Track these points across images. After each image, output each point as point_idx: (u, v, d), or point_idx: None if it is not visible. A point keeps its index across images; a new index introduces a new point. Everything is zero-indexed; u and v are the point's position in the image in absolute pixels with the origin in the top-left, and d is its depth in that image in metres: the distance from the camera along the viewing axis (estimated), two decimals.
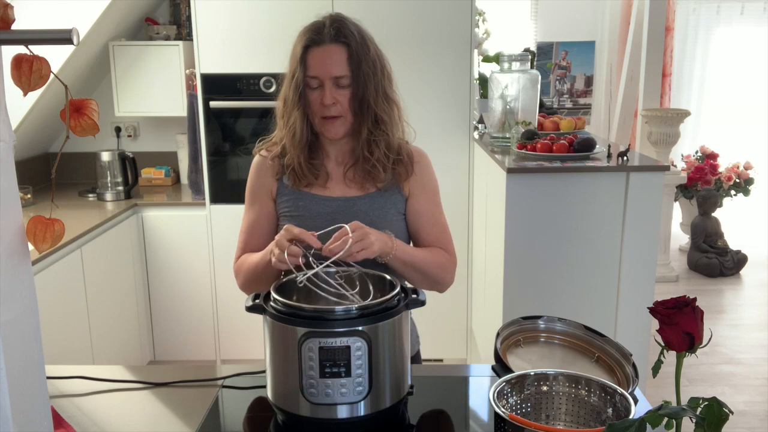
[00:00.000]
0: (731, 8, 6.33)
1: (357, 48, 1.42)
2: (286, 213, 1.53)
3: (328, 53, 1.42)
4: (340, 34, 1.42)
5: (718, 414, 0.79)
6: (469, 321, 3.53)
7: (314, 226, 1.49)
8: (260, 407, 1.33)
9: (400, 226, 1.54)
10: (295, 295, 1.30)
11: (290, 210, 1.53)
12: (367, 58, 1.43)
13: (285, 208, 1.54)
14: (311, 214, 1.51)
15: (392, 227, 1.51)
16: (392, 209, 1.53)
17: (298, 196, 1.52)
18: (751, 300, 4.71)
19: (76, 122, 0.89)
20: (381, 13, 3.26)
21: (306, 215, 1.51)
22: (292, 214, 1.52)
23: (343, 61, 1.41)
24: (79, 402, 1.36)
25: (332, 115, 1.44)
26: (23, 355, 0.87)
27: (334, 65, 1.41)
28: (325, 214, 1.50)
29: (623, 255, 2.48)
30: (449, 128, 3.36)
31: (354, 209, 1.50)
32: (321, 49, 1.42)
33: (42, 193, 3.57)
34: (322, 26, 1.44)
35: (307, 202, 1.52)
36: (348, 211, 1.50)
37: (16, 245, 0.86)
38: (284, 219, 1.53)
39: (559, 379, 1.12)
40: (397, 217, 1.54)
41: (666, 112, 4.81)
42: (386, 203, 1.52)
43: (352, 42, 1.42)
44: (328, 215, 1.50)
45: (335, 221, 1.48)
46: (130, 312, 3.37)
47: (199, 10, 3.22)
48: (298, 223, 1.51)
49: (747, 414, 3.15)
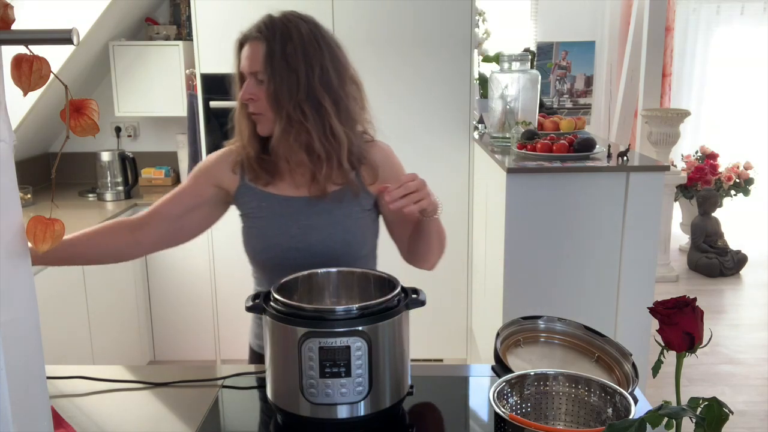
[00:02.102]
0: (731, 8, 6.33)
1: (275, 45, 1.39)
2: (250, 214, 1.52)
3: (250, 49, 1.42)
4: (259, 30, 1.42)
5: (718, 414, 0.79)
6: (469, 321, 3.53)
7: (278, 226, 1.50)
8: (260, 407, 1.33)
9: (366, 223, 1.53)
10: (295, 295, 1.30)
11: (254, 211, 1.52)
12: (284, 55, 1.39)
13: (248, 209, 1.53)
14: (273, 215, 1.50)
15: (357, 226, 1.51)
16: (356, 207, 1.51)
17: (261, 197, 1.51)
18: (751, 300, 4.71)
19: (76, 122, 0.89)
20: (381, 13, 3.26)
21: (268, 215, 1.50)
22: (256, 215, 1.51)
23: (259, 57, 1.40)
24: (79, 402, 1.36)
25: (255, 112, 1.44)
26: (23, 355, 0.87)
27: (252, 61, 1.41)
28: (287, 215, 1.49)
29: (623, 255, 2.48)
30: (449, 128, 3.36)
31: (317, 209, 1.49)
32: (246, 46, 1.44)
33: (42, 193, 3.57)
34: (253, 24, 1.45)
35: (270, 202, 1.51)
36: (312, 212, 1.49)
37: (16, 245, 0.86)
38: (248, 219, 1.53)
39: (559, 379, 1.12)
40: (362, 214, 1.52)
41: (666, 112, 4.81)
42: (351, 202, 1.50)
43: (270, 38, 1.40)
44: (291, 216, 1.49)
45: (299, 223, 1.49)
46: (130, 312, 3.37)
47: (199, 10, 3.22)
48: (263, 224, 1.51)
49: (747, 414, 3.15)
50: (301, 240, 1.48)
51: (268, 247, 1.50)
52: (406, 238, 1.55)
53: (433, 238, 1.49)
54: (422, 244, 1.50)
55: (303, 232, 1.48)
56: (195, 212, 1.55)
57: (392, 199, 1.28)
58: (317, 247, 1.48)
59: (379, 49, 3.28)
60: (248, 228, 1.54)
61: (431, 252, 1.52)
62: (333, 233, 1.48)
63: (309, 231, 1.48)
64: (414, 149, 3.38)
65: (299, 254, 1.48)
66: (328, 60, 1.44)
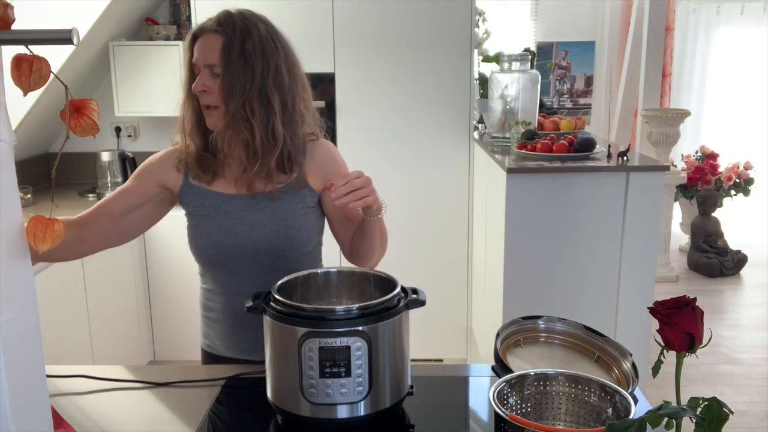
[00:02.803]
0: (731, 8, 6.33)
1: (232, 39, 1.41)
2: (195, 212, 1.53)
3: (206, 42, 1.43)
4: (219, 24, 1.43)
5: (718, 414, 0.79)
6: (469, 321, 3.53)
7: (222, 224, 1.51)
8: (260, 407, 1.33)
9: (310, 219, 1.54)
10: (295, 295, 1.30)
11: (198, 209, 1.53)
12: (241, 50, 1.40)
13: (193, 208, 1.53)
14: (218, 213, 1.51)
15: (300, 222, 1.51)
16: (300, 203, 1.52)
17: (204, 195, 1.52)
18: (751, 300, 4.71)
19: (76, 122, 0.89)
20: (381, 14, 3.26)
21: (213, 214, 1.51)
22: (200, 213, 1.53)
23: (216, 50, 1.41)
24: (79, 402, 1.36)
25: (206, 105, 1.45)
26: (23, 355, 0.87)
27: (208, 53, 1.42)
28: (231, 214, 1.50)
29: (623, 255, 2.48)
30: (449, 128, 3.36)
31: (261, 206, 1.50)
32: (201, 38, 1.44)
33: (42, 193, 3.57)
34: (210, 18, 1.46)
35: (213, 200, 1.52)
36: (255, 208, 1.50)
37: (16, 245, 0.86)
38: (193, 218, 1.54)
39: (559, 379, 1.12)
40: (306, 211, 1.53)
41: (666, 112, 4.81)
42: (294, 198, 1.51)
43: (228, 32, 1.42)
44: (235, 214, 1.50)
45: (242, 220, 1.50)
46: (130, 312, 3.37)
47: (199, 10, 3.22)
48: (207, 222, 1.52)
49: (747, 414, 3.15)
50: (245, 237, 1.49)
51: (212, 245, 1.51)
52: (349, 238, 1.58)
53: (375, 238, 1.51)
54: (365, 244, 1.53)
55: (247, 229, 1.50)
56: (138, 211, 1.55)
57: (337, 196, 1.31)
58: (261, 243, 1.49)
59: (379, 49, 3.28)
60: (192, 226, 1.55)
61: (373, 252, 1.55)
62: (276, 230, 1.50)
63: (253, 228, 1.50)
64: (414, 149, 3.38)
65: (243, 251, 1.50)
66: (283, 60, 1.46)
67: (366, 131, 3.38)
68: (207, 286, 1.60)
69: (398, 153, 3.40)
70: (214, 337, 1.61)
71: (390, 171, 3.39)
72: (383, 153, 3.40)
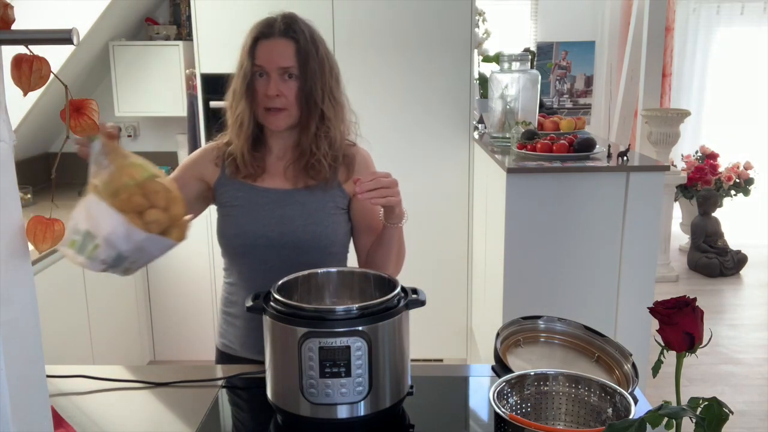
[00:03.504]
0: (731, 8, 6.33)
1: (305, 44, 1.45)
2: (227, 203, 1.55)
3: (277, 46, 1.45)
4: (290, 30, 1.45)
5: (718, 414, 0.79)
6: (469, 321, 3.53)
7: (252, 214, 1.53)
8: (260, 407, 1.33)
9: (339, 220, 1.55)
10: (295, 295, 1.30)
11: (229, 200, 1.55)
12: (315, 55, 1.46)
13: (225, 199, 1.55)
14: (249, 204, 1.53)
15: (329, 221, 1.53)
16: (330, 203, 1.54)
17: (237, 187, 1.54)
18: (751, 300, 4.71)
19: (76, 122, 0.90)
20: (381, 13, 3.26)
21: (244, 205, 1.53)
22: (232, 203, 1.54)
23: (291, 54, 1.44)
24: (79, 402, 1.36)
25: (276, 107, 1.46)
26: (23, 355, 0.87)
27: (282, 57, 1.44)
28: (263, 205, 1.52)
29: (623, 255, 2.48)
30: (449, 128, 3.36)
31: (292, 200, 1.53)
32: (270, 42, 1.45)
33: (42, 193, 3.57)
34: (273, 21, 1.47)
35: (246, 192, 1.54)
36: (286, 203, 1.52)
37: (16, 245, 0.86)
38: (224, 209, 1.55)
39: (559, 379, 1.12)
40: (335, 211, 1.55)
41: (666, 112, 4.81)
42: (325, 197, 1.54)
43: (300, 38, 1.45)
44: (266, 206, 1.52)
45: (273, 213, 1.51)
46: (130, 312, 3.37)
47: (199, 10, 3.22)
48: (237, 212, 1.54)
49: (747, 414, 3.15)
50: (273, 229, 1.51)
51: (240, 234, 1.53)
52: (367, 247, 1.59)
53: (392, 249, 1.53)
54: (381, 254, 1.54)
55: (276, 221, 1.51)
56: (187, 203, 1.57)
57: (362, 190, 1.32)
58: (288, 237, 1.50)
59: (379, 50, 3.28)
60: (223, 216, 1.56)
61: (388, 263, 1.55)
62: (305, 225, 1.51)
63: (282, 221, 1.51)
64: (414, 149, 3.38)
65: (269, 242, 1.51)
66: (335, 63, 1.53)
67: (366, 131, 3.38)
68: (230, 280, 1.61)
69: (398, 153, 3.39)
70: (232, 335, 1.61)
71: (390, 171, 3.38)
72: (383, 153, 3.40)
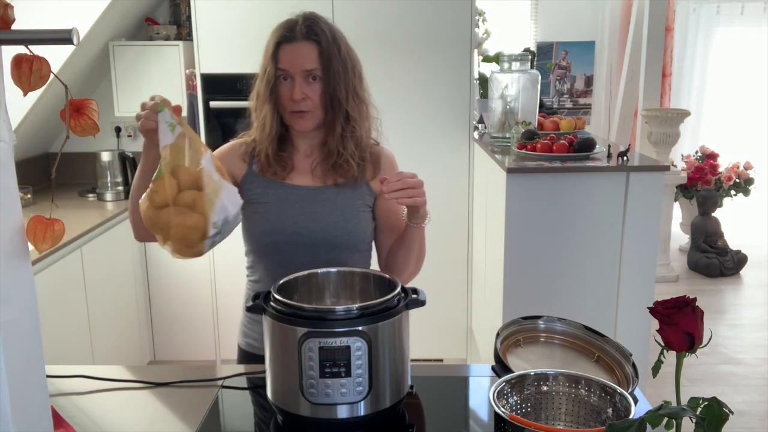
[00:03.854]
0: (731, 8, 6.33)
1: (328, 46, 1.45)
2: (255, 200, 1.55)
3: (300, 49, 1.45)
4: (312, 32, 1.45)
5: (718, 414, 0.79)
6: (469, 321, 3.53)
7: (282, 211, 1.53)
8: (260, 407, 1.33)
9: (366, 218, 1.57)
10: (295, 295, 1.30)
11: (258, 197, 1.54)
12: (338, 56, 1.46)
13: (254, 195, 1.55)
14: (279, 201, 1.53)
15: (358, 218, 1.54)
16: (359, 200, 1.55)
17: (267, 184, 1.55)
18: (751, 300, 4.71)
19: (76, 122, 0.89)
20: (381, 13, 3.26)
21: (273, 202, 1.53)
22: (260, 200, 1.54)
23: (314, 57, 1.44)
24: (79, 402, 1.36)
25: (302, 110, 1.47)
26: (23, 355, 0.87)
27: (305, 60, 1.44)
28: (292, 202, 1.53)
29: (623, 255, 2.48)
30: (449, 128, 3.36)
31: (321, 198, 1.53)
32: (292, 45, 1.46)
33: (42, 193, 3.56)
34: (295, 24, 1.47)
35: (276, 189, 1.54)
36: (316, 200, 1.53)
37: (16, 245, 0.86)
38: (252, 205, 1.55)
39: (559, 379, 1.12)
40: (364, 209, 1.56)
41: (666, 112, 4.81)
42: (353, 194, 1.54)
43: (323, 40, 1.45)
44: (296, 203, 1.53)
45: (303, 209, 1.52)
46: (130, 312, 3.37)
47: (199, 10, 3.22)
48: (267, 209, 1.53)
49: (747, 414, 3.15)
50: (304, 226, 1.51)
51: (270, 231, 1.52)
52: (388, 246, 1.59)
53: (413, 250, 1.53)
54: (401, 254, 1.54)
55: (307, 218, 1.51)
56: None
57: (389, 190, 1.32)
58: (319, 234, 1.51)
59: (379, 49, 3.28)
60: (251, 213, 1.55)
61: (408, 264, 1.55)
62: (335, 222, 1.52)
63: (313, 217, 1.51)
64: (414, 149, 3.38)
65: (300, 239, 1.50)
66: (357, 62, 1.53)
67: None
68: (255, 278, 1.60)
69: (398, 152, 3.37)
70: (258, 333, 1.60)
71: None
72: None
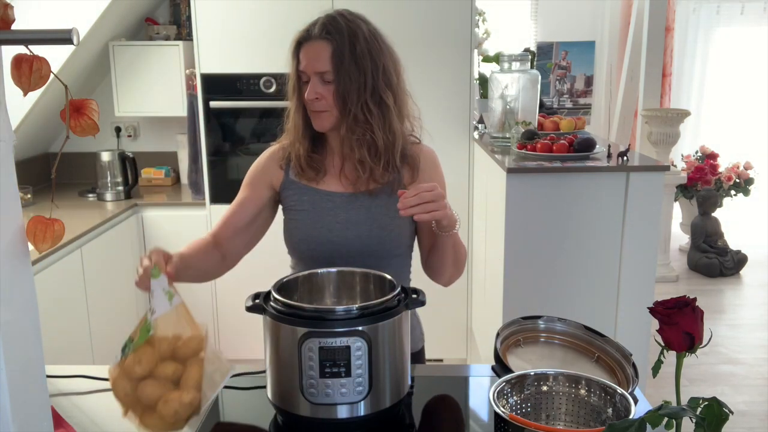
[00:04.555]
0: (731, 8, 6.33)
1: (341, 45, 1.42)
2: (292, 207, 1.55)
3: (314, 49, 1.44)
4: (325, 31, 1.43)
5: (718, 414, 0.79)
6: (469, 321, 3.53)
7: (317, 219, 1.52)
8: (260, 407, 1.33)
9: (403, 223, 1.53)
10: (295, 295, 1.30)
11: (295, 204, 1.54)
12: (352, 55, 1.42)
13: (291, 202, 1.55)
14: (315, 209, 1.52)
15: (394, 225, 1.51)
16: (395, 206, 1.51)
17: (303, 191, 1.54)
18: (751, 300, 4.71)
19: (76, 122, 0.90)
20: (381, 13, 3.24)
21: (309, 209, 1.53)
22: (297, 208, 1.54)
23: (326, 57, 1.42)
24: (79, 401, 1.36)
25: (317, 110, 1.46)
26: (23, 355, 0.87)
27: (318, 61, 1.43)
28: (328, 209, 1.52)
29: (623, 255, 2.48)
30: (449, 128, 3.36)
31: (356, 204, 1.51)
32: (308, 44, 1.45)
33: (42, 193, 3.56)
34: (315, 23, 1.46)
35: (311, 196, 1.53)
36: (351, 206, 1.51)
37: (16, 245, 0.86)
38: (290, 212, 1.55)
39: (559, 379, 1.12)
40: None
41: (666, 112, 4.81)
42: (390, 200, 1.50)
43: (337, 38, 1.42)
44: (332, 210, 1.51)
45: (338, 216, 1.50)
46: (130, 312, 3.37)
47: (199, 10, 3.22)
48: (303, 216, 1.52)
49: (747, 414, 3.15)
50: (339, 234, 1.50)
51: (306, 239, 1.52)
52: (428, 247, 1.57)
53: (447, 254, 1.49)
54: (436, 258, 1.52)
55: (342, 226, 1.50)
56: (260, 217, 1.58)
57: (404, 206, 1.29)
58: (354, 242, 1.50)
59: None
60: (289, 220, 1.56)
61: (444, 268, 1.52)
62: (371, 229, 1.50)
63: (348, 225, 1.50)
64: None
65: (335, 247, 1.50)
66: (388, 58, 1.49)
67: None
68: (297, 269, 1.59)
69: None
70: None
71: None
72: None
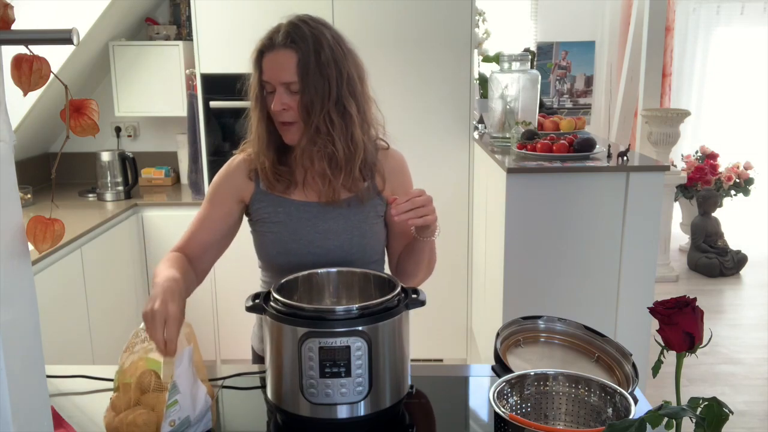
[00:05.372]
0: (731, 8, 6.33)
1: (307, 54, 1.36)
2: (265, 219, 1.50)
3: (278, 58, 1.38)
4: (290, 39, 1.38)
5: (718, 414, 0.79)
6: (469, 321, 3.53)
7: (295, 231, 1.48)
8: (260, 407, 1.33)
9: (379, 229, 1.53)
10: (295, 295, 1.30)
11: (269, 216, 1.50)
12: (317, 64, 1.37)
13: (263, 214, 1.50)
14: (291, 220, 1.49)
15: (372, 231, 1.51)
16: (372, 212, 1.51)
17: (277, 202, 1.50)
18: (751, 300, 4.71)
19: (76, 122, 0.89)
20: (381, 14, 3.26)
21: (286, 221, 1.49)
22: (272, 220, 1.50)
23: (292, 67, 1.37)
24: (79, 401, 1.36)
25: (285, 121, 1.42)
26: (23, 355, 0.87)
27: (283, 71, 1.38)
28: (305, 220, 1.49)
29: (623, 255, 2.48)
30: (449, 128, 3.36)
31: (334, 213, 1.48)
32: (272, 54, 1.39)
33: (42, 193, 3.56)
34: (277, 30, 1.41)
35: (286, 207, 1.49)
36: (329, 216, 1.48)
37: (16, 245, 0.86)
38: (263, 225, 1.51)
39: (559, 379, 1.12)
40: (376, 220, 1.52)
41: (666, 112, 4.81)
42: (365, 207, 1.50)
43: (302, 47, 1.37)
44: (309, 221, 1.48)
45: (317, 227, 1.48)
46: (130, 312, 3.37)
47: (199, 10, 3.22)
48: (279, 229, 1.49)
49: (747, 414, 3.15)
50: (320, 245, 1.48)
51: (285, 252, 1.48)
52: (399, 251, 1.57)
53: (423, 259, 1.50)
54: (411, 263, 1.52)
55: (322, 236, 1.48)
56: (230, 232, 1.55)
57: (398, 213, 1.28)
58: (335, 252, 1.48)
59: (378, 50, 3.28)
60: (263, 233, 1.51)
61: (419, 272, 1.53)
62: (351, 238, 1.48)
63: (328, 236, 1.48)
64: (414, 149, 3.37)
65: (316, 258, 1.47)
66: (352, 65, 1.44)
67: None
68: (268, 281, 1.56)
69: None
70: None
71: None
72: None
